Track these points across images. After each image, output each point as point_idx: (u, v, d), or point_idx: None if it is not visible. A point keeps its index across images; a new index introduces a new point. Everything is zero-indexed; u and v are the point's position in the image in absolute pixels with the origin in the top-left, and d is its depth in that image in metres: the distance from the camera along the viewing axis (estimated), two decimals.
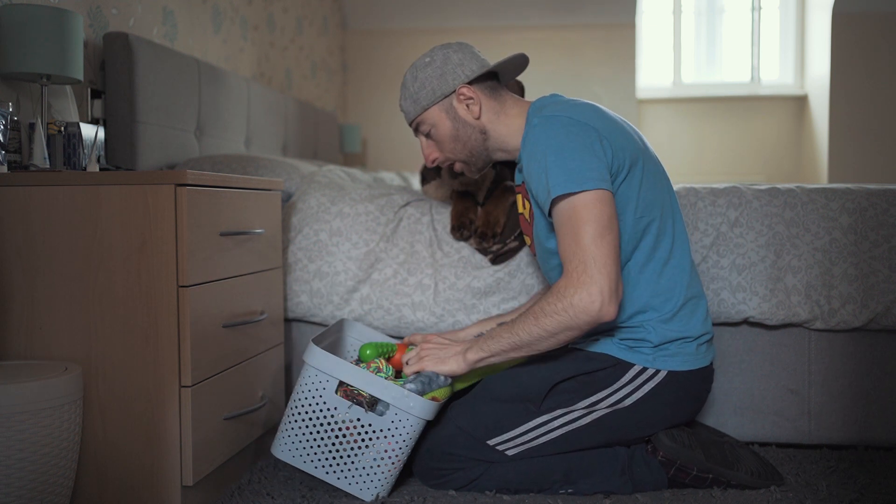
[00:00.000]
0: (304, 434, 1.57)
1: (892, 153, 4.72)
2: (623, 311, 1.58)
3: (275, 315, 1.87)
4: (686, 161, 5.13)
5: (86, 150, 1.82)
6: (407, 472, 1.72)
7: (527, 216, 1.69)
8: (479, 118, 1.66)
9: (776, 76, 5.20)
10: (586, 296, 1.42)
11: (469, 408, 1.61)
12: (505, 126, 1.66)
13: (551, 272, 1.67)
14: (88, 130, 1.84)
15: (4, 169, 1.60)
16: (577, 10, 4.92)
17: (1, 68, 1.72)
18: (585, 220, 1.44)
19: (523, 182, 1.66)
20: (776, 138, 5.10)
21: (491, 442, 1.58)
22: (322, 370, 1.54)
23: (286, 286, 1.99)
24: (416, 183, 3.62)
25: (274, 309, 1.86)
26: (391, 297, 1.95)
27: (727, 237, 1.88)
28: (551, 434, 1.58)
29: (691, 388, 1.62)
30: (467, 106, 1.65)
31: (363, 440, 1.55)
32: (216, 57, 3.05)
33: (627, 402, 1.58)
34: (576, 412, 1.58)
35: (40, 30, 1.71)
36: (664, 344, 1.58)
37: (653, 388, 1.58)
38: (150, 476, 1.48)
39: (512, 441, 1.59)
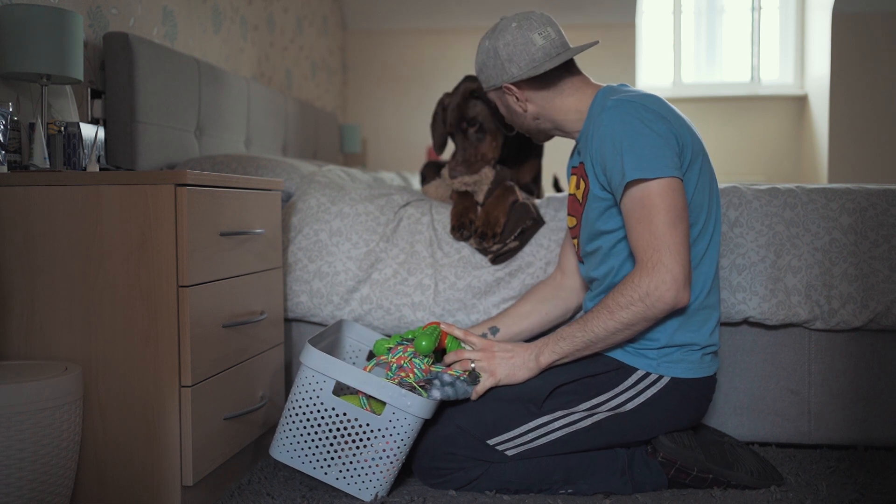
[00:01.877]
0: (301, 435, 1.57)
1: (892, 153, 4.72)
2: None
3: (275, 315, 1.87)
4: None
5: (86, 150, 1.82)
6: (407, 472, 1.72)
7: (579, 197, 1.68)
8: (526, 111, 1.70)
9: (776, 76, 5.21)
10: (661, 284, 1.45)
11: (470, 407, 1.61)
12: (560, 112, 1.68)
13: (590, 256, 1.66)
14: (88, 130, 1.84)
15: (4, 169, 1.60)
16: (577, 10, 4.92)
17: (1, 68, 1.72)
18: (659, 209, 1.46)
19: (581, 164, 1.67)
20: (776, 138, 5.10)
21: (491, 441, 1.58)
22: (319, 371, 1.54)
23: (286, 286, 1.99)
24: (416, 183, 3.62)
25: (274, 309, 1.86)
26: (391, 297, 1.95)
27: (727, 237, 1.88)
28: (551, 435, 1.58)
29: (693, 396, 1.61)
30: (516, 98, 1.69)
31: (361, 440, 1.55)
32: (216, 57, 3.05)
33: (629, 406, 1.58)
34: (576, 414, 1.58)
35: (40, 30, 1.71)
36: (669, 349, 1.58)
37: (655, 394, 1.57)
38: (150, 476, 1.48)
39: (512, 441, 1.59)
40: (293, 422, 1.57)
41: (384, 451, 1.54)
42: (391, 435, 1.53)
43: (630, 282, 1.48)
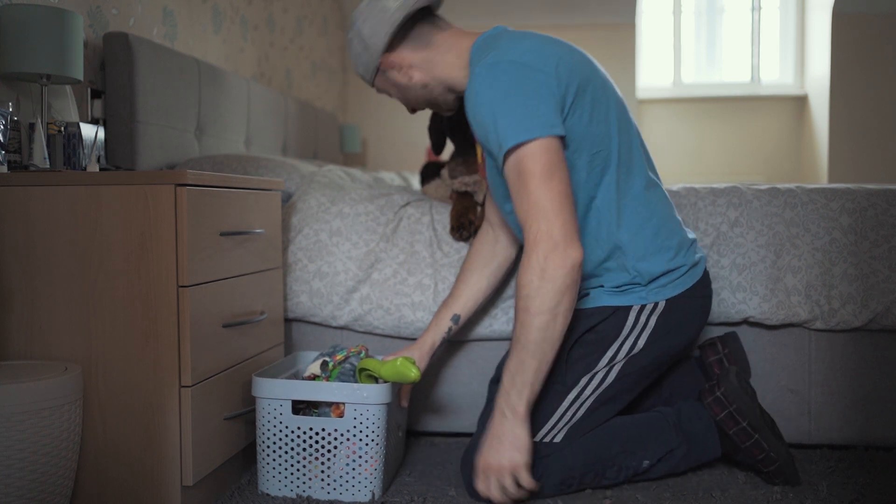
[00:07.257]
0: (280, 463, 1.60)
1: (892, 153, 4.72)
2: (596, 254, 1.57)
3: (275, 315, 1.87)
4: (686, 161, 5.13)
5: (86, 150, 1.82)
6: (407, 471, 1.72)
7: (480, 159, 1.68)
8: (412, 79, 1.64)
9: (776, 76, 5.21)
10: (548, 253, 1.39)
11: None
12: (444, 70, 1.63)
13: (508, 216, 1.65)
14: (88, 130, 1.84)
15: (4, 169, 1.60)
16: (577, 10, 4.92)
17: (1, 68, 1.72)
18: (533, 172, 1.41)
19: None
20: (776, 138, 5.11)
21: (537, 438, 1.57)
22: (273, 397, 1.59)
23: (286, 286, 1.99)
24: (416, 183, 3.62)
25: (274, 309, 1.86)
26: (391, 297, 1.95)
27: (727, 237, 1.88)
28: (587, 402, 1.57)
29: (693, 302, 1.62)
30: (399, 70, 1.64)
31: (328, 449, 1.57)
32: (216, 57, 3.05)
33: (640, 344, 1.58)
34: (600, 373, 1.57)
35: (40, 30, 1.71)
36: (654, 280, 1.58)
37: (658, 321, 1.58)
38: (150, 476, 1.48)
39: (555, 427, 1.57)
40: (267, 454, 1.60)
41: (354, 451, 1.56)
42: (361, 430, 1.56)
43: (523, 266, 1.41)
